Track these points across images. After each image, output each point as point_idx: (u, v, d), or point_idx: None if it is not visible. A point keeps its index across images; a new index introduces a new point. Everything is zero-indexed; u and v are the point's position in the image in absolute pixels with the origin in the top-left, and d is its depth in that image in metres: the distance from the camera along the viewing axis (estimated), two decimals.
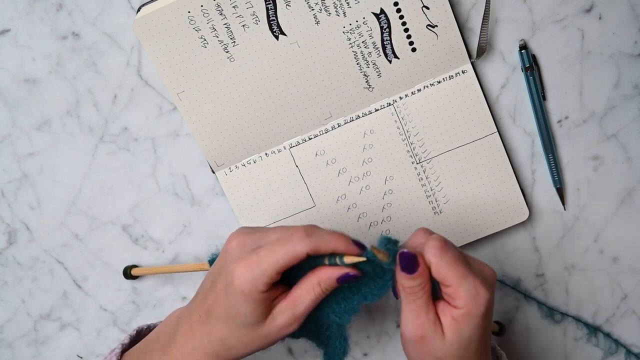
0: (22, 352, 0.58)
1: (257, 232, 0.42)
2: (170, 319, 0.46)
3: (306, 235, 0.40)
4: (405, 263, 0.40)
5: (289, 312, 0.41)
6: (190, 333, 0.43)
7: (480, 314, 0.40)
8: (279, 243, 0.40)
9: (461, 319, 0.40)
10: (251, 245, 0.41)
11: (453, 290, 0.40)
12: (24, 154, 0.55)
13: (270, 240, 0.41)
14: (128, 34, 0.52)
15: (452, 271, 0.39)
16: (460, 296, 0.39)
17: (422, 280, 0.40)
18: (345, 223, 0.54)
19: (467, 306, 0.39)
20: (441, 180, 0.53)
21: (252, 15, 0.50)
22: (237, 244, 0.42)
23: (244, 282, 0.39)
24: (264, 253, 0.40)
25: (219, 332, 0.42)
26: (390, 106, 0.53)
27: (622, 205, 0.55)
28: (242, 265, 0.40)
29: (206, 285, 0.43)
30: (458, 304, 0.40)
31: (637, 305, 0.56)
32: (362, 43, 0.51)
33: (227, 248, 0.42)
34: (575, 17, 0.52)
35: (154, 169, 0.55)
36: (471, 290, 0.39)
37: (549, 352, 0.57)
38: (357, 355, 0.58)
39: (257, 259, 0.39)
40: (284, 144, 0.53)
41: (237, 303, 0.40)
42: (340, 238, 0.40)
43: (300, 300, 0.41)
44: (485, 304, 0.40)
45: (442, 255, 0.40)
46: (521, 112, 0.53)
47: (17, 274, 0.57)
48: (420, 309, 0.41)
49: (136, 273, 0.56)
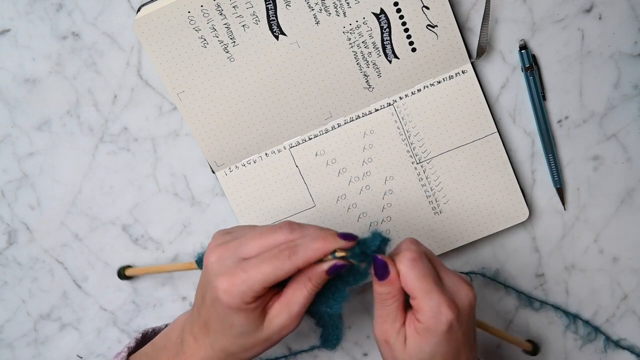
0: (22, 352, 0.58)
1: (233, 240, 0.42)
2: (176, 326, 0.46)
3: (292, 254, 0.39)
4: (377, 269, 0.40)
5: (284, 313, 0.41)
6: (196, 345, 0.43)
7: (440, 332, 0.39)
8: (266, 260, 0.39)
9: (422, 333, 0.40)
10: (230, 258, 0.41)
11: (417, 304, 0.40)
12: (24, 154, 0.55)
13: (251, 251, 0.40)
14: (128, 34, 0.52)
15: (418, 284, 0.40)
16: (423, 311, 0.40)
17: (392, 289, 0.40)
18: (345, 223, 0.54)
19: (428, 322, 0.40)
20: (441, 180, 0.53)
21: (252, 15, 0.50)
22: (216, 258, 0.41)
23: (229, 297, 0.39)
24: (251, 269, 0.39)
25: (220, 343, 0.42)
26: (390, 106, 0.53)
27: (622, 205, 0.55)
28: (225, 281, 0.39)
29: (198, 299, 0.43)
30: (420, 318, 0.40)
31: (637, 305, 0.56)
32: (362, 43, 0.51)
33: (207, 264, 0.41)
34: (575, 17, 0.52)
35: (154, 169, 0.55)
36: (433, 307, 0.39)
37: (549, 352, 0.57)
38: (357, 355, 0.58)
39: (244, 275, 0.39)
40: (284, 144, 0.54)
41: (227, 316, 0.40)
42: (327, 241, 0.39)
43: (294, 299, 0.41)
44: (447, 322, 0.39)
45: (412, 266, 0.40)
46: (521, 112, 0.53)
47: (17, 274, 0.57)
48: (387, 316, 0.41)
49: (130, 273, 0.56)
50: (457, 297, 0.41)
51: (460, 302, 0.41)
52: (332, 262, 0.40)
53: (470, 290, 0.42)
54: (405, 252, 0.41)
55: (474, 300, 0.42)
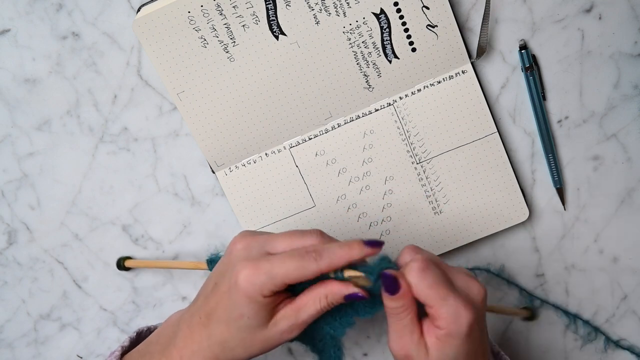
0: (22, 352, 0.58)
1: (262, 235, 0.42)
2: (171, 321, 0.45)
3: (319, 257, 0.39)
4: (387, 284, 0.40)
5: (292, 318, 0.41)
6: (190, 336, 0.42)
7: (462, 334, 0.39)
8: (293, 257, 0.39)
9: (444, 339, 0.40)
10: (257, 248, 0.41)
11: (434, 311, 0.40)
12: (24, 154, 0.55)
13: (278, 248, 0.41)
14: (128, 34, 0.52)
15: (432, 293, 0.39)
16: (442, 317, 0.39)
17: (405, 302, 0.40)
18: (345, 223, 0.54)
19: (449, 327, 0.39)
20: (441, 180, 0.53)
21: (252, 15, 0.50)
22: (243, 246, 0.41)
23: (249, 284, 0.39)
24: (276, 262, 0.39)
25: (220, 334, 0.41)
26: (390, 106, 0.53)
27: (622, 205, 0.55)
28: (249, 267, 0.39)
29: (208, 287, 0.43)
30: (440, 324, 0.40)
31: (637, 305, 0.56)
32: (362, 43, 0.51)
33: (232, 250, 0.42)
34: (575, 17, 0.52)
35: (154, 169, 0.55)
36: (452, 311, 0.39)
37: (549, 352, 0.57)
38: (357, 355, 0.58)
39: (269, 265, 0.39)
40: (284, 144, 0.54)
41: (240, 304, 0.40)
42: (352, 248, 0.39)
43: (305, 308, 0.41)
44: (468, 324, 0.39)
45: (423, 276, 0.40)
46: (521, 112, 0.53)
47: (17, 274, 0.57)
48: (404, 329, 0.41)
49: (130, 265, 0.55)
50: (471, 296, 0.41)
51: (474, 300, 0.41)
52: (354, 290, 0.40)
53: (480, 285, 0.42)
54: (412, 263, 0.40)
55: (485, 294, 0.42)
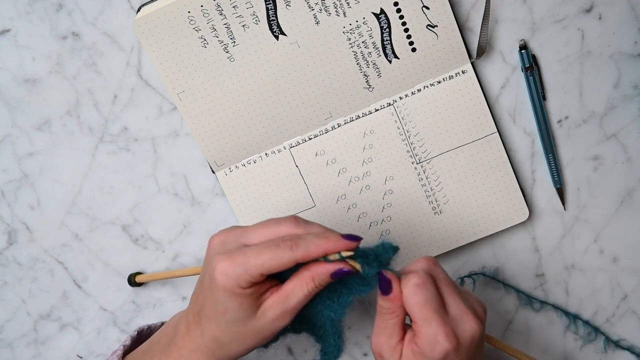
0: (22, 352, 0.58)
1: (238, 228, 0.42)
2: (172, 321, 0.46)
3: (294, 245, 0.39)
4: (381, 284, 0.40)
5: (279, 306, 0.41)
6: (187, 335, 0.43)
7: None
8: (268, 247, 0.39)
9: (417, 357, 0.40)
10: (232, 242, 0.41)
11: (416, 328, 0.40)
12: (24, 154, 0.55)
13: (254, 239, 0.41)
14: (128, 34, 0.52)
15: (418, 311, 0.40)
16: (420, 337, 0.40)
17: (392, 306, 0.41)
18: (345, 223, 0.54)
19: (423, 348, 0.40)
20: (441, 180, 0.53)
21: (252, 15, 0.50)
22: (219, 241, 0.42)
23: (225, 277, 0.39)
24: (250, 253, 0.39)
25: (211, 331, 0.42)
26: (390, 106, 0.53)
27: (622, 205, 0.55)
28: (224, 260, 0.40)
29: (197, 285, 0.44)
30: (417, 342, 0.40)
31: (637, 305, 0.56)
32: (362, 43, 0.51)
33: (209, 246, 0.42)
34: (575, 17, 0.52)
35: (154, 169, 0.55)
36: (431, 336, 0.39)
37: (549, 352, 0.57)
38: (357, 355, 0.58)
39: (243, 257, 0.39)
40: (284, 144, 0.54)
41: (222, 299, 0.40)
42: (330, 240, 0.39)
43: (293, 294, 0.41)
44: (443, 352, 0.39)
45: (415, 292, 0.40)
46: (521, 112, 0.53)
47: (17, 274, 0.57)
48: (384, 330, 0.42)
49: (140, 280, 0.56)
50: (459, 329, 0.40)
51: (461, 334, 0.40)
52: (339, 265, 0.40)
53: (475, 323, 0.41)
54: (412, 275, 0.40)
55: (478, 334, 0.41)
